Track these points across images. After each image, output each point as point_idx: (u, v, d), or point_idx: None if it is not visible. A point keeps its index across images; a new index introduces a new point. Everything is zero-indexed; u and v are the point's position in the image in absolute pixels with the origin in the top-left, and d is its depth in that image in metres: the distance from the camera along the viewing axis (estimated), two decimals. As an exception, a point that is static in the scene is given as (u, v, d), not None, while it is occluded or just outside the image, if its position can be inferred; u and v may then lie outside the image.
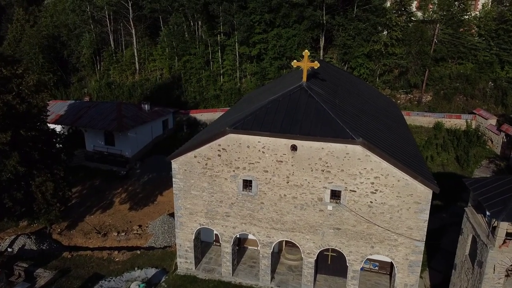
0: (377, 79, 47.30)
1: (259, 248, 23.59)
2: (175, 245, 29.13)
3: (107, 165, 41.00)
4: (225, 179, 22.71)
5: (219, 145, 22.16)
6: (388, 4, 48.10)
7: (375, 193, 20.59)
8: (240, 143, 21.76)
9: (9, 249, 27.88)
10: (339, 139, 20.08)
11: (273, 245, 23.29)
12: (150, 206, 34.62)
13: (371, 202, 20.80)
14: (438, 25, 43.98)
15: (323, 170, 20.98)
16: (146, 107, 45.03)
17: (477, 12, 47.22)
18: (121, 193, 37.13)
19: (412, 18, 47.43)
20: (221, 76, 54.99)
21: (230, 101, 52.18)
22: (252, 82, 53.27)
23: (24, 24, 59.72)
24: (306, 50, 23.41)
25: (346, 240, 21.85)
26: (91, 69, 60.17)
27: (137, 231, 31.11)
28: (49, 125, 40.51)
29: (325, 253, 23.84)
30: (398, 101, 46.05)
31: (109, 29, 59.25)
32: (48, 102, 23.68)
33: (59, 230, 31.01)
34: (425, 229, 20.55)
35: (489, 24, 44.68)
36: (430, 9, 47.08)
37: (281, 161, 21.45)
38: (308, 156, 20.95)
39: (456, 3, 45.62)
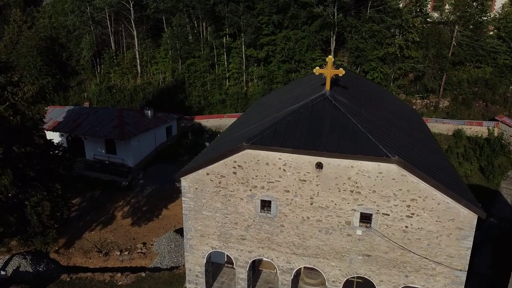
0: (391, 84, 45.05)
1: (276, 271, 21.38)
2: (183, 266, 26.96)
3: (108, 175, 38.70)
4: (241, 199, 20.46)
5: (235, 161, 19.91)
6: (401, 5, 45.89)
7: (411, 217, 18.35)
8: (258, 160, 19.51)
9: (2, 272, 25.60)
10: (372, 157, 17.84)
11: (293, 272, 21.06)
12: (154, 221, 32.34)
13: (406, 227, 18.56)
14: (456, 26, 41.73)
15: (352, 191, 18.74)
16: (149, 113, 42.77)
17: (496, 13, 45.02)
18: (123, 206, 34.86)
19: (428, 20, 45.21)
20: (227, 80, 52.75)
21: (236, 106, 49.98)
22: (259, 86, 51.03)
23: (22, 25, 57.36)
24: (330, 56, 21.16)
25: (376, 268, 19.60)
26: (91, 72, 57.87)
27: (141, 249, 28.86)
28: (46, 132, 38.70)
29: (350, 278, 21.60)
30: (414, 107, 43.79)
31: (110, 31, 56.97)
32: (46, 108, 21.35)
33: (56, 248, 28.73)
34: (468, 258, 18.32)
35: (509, 26, 42.46)
36: (447, 10, 44.83)
37: (305, 180, 19.20)
38: (335, 175, 18.71)
39: (474, 3, 43.34)
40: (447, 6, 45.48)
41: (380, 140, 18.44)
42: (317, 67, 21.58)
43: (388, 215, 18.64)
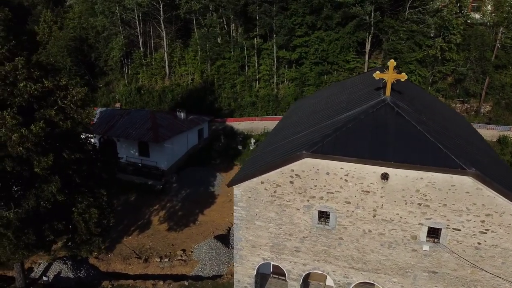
0: (429, 87, 43.57)
1: (324, 284, 20.42)
2: (226, 275, 26.22)
3: (141, 178, 38.18)
4: (297, 209, 19.51)
5: (292, 170, 18.95)
6: (438, 3, 44.27)
7: (486, 233, 17.16)
8: (318, 169, 18.53)
9: (44, 278, 25.16)
10: (445, 169, 16.69)
11: (351, 287, 20.03)
12: (191, 227, 31.62)
13: (479, 243, 17.38)
14: (501, 28, 40.08)
15: (420, 204, 17.62)
16: (182, 115, 42.16)
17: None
18: (159, 210, 34.27)
19: (468, 21, 43.59)
20: (257, 82, 51.87)
21: (267, 108, 49.10)
22: (290, 89, 50.06)
23: (52, 26, 57.49)
24: (392, 60, 20.02)
25: (443, 286, 18.45)
26: (119, 73, 57.65)
27: (182, 256, 28.11)
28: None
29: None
30: (454, 111, 42.23)
31: (138, 31, 56.67)
32: (95, 112, 20.74)
33: (96, 253, 28.19)
34: (547, 278, 17.07)
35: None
36: (489, 11, 43.15)
37: (368, 192, 18.16)
38: (402, 187, 17.62)
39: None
40: (489, 7, 43.71)
41: (450, 150, 17.28)
42: (377, 72, 20.51)
43: (459, 230, 17.47)
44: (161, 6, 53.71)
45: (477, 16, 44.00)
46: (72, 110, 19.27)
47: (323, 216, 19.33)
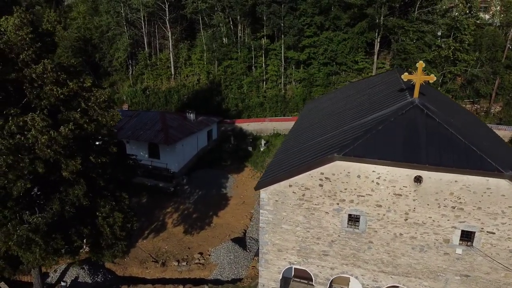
0: (439, 88, 43.47)
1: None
2: (246, 279, 25.95)
3: (152, 180, 37.72)
4: (326, 212, 19.26)
5: (322, 173, 18.70)
6: (446, 3, 44.21)
7: (521, 236, 17.01)
8: (348, 172, 18.29)
9: (62, 283, 24.73)
10: (481, 171, 16.52)
11: (379, 290, 19.83)
12: (207, 230, 31.26)
13: (513, 246, 17.24)
14: (511, 29, 40.15)
15: (453, 207, 17.44)
16: (192, 116, 41.78)
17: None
18: (172, 212, 33.88)
19: (477, 21, 43.58)
20: (264, 83, 51.57)
21: (276, 109, 48.83)
22: (298, 89, 49.82)
23: (56, 26, 56.73)
24: (421, 62, 19.85)
25: (475, 290, 18.30)
26: (124, 74, 57.13)
27: (199, 260, 27.76)
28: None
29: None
30: (464, 112, 42.23)
31: (143, 32, 56.16)
32: (120, 115, 20.32)
33: (119, 258, 27.74)
34: None
35: None
36: (498, 12, 43.18)
37: (400, 195, 17.95)
38: (436, 190, 17.42)
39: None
40: (498, 8, 43.75)
41: (485, 153, 17.11)
42: (406, 73, 20.28)
43: (494, 233, 17.32)
44: (167, 6, 53.24)
45: (486, 16, 44.01)
46: (96, 112, 18.86)
47: (353, 219, 19.10)
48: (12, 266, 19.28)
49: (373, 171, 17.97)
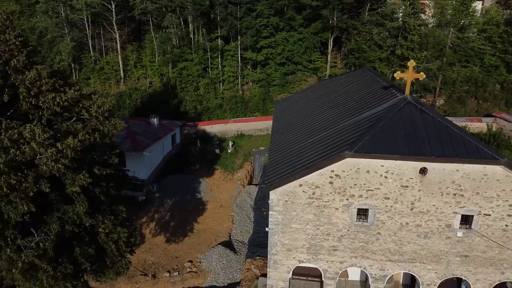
0: (389, 84, 46.46)
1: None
2: (244, 281, 25.75)
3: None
4: (336, 209, 19.83)
5: (332, 171, 19.22)
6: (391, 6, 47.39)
7: (512, 215, 18.97)
8: (358, 168, 19.02)
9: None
10: (481, 160, 18.14)
11: (386, 279, 20.87)
12: (190, 237, 30.49)
13: (506, 225, 19.13)
14: (451, 29, 44.17)
15: (455, 194, 18.92)
16: (155, 121, 40.30)
17: (479, 16, 48.32)
18: (148, 222, 32.53)
19: (417, 22, 47.24)
20: (221, 84, 51.24)
21: (235, 110, 48.77)
22: (256, 90, 50.21)
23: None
24: (412, 60, 21.22)
25: (473, 268, 20.01)
26: (68, 79, 53.13)
27: (191, 268, 27.00)
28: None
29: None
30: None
31: (88, 34, 52.86)
32: (123, 123, 19.07)
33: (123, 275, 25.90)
34: None
35: (494, 29, 45.75)
36: (437, 14, 47.24)
37: (407, 186, 19.06)
38: (439, 180, 18.77)
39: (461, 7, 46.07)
40: (433, 10, 47.81)
41: (479, 143, 18.82)
42: (398, 72, 21.55)
43: (490, 215, 19.08)
44: (113, 7, 50.65)
45: (424, 17, 47.89)
46: (98, 121, 17.58)
47: (361, 213, 19.89)
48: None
49: (382, 166, 18.85)
